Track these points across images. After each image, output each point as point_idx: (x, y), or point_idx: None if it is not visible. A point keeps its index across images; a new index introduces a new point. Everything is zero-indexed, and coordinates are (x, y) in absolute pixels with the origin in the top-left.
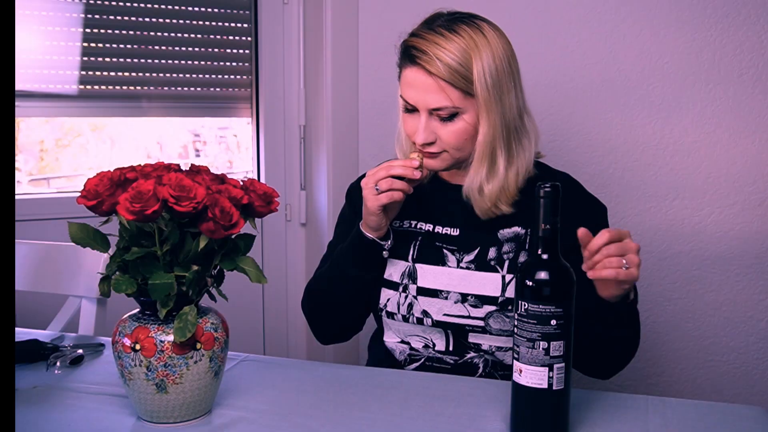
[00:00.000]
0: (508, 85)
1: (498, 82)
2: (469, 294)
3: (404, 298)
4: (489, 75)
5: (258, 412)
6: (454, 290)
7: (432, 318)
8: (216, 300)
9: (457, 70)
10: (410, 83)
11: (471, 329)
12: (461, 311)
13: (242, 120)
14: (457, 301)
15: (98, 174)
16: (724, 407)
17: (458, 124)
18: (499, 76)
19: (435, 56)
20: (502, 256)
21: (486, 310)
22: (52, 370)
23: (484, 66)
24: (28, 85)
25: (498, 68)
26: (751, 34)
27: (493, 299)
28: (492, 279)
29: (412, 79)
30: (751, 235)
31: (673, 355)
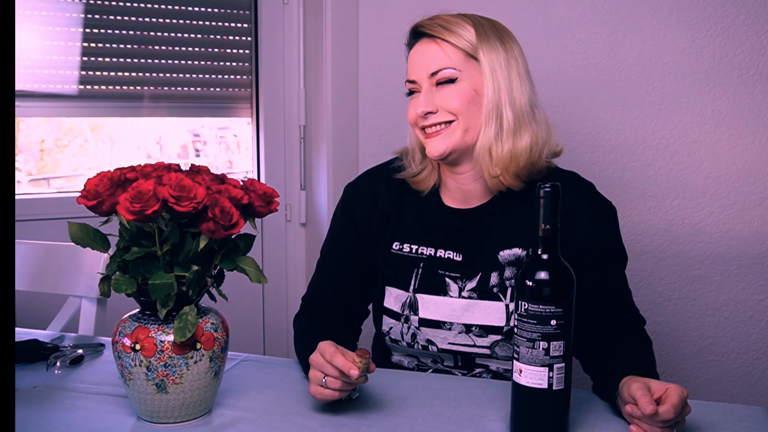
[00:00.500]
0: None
1: (507, 61)
2: (473, 325)
3: (407, 329)
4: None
5: (258, 412)
6: (457, 321)
7: (437, 346)
8: (216, 300)
9: (460, 34)
10: (413, 59)
11: (477, 356)
12: (466, 341)
13: (242, 120)
14: (461, 332)
15: (98, 174)
16: (724, 407)
17: (457, 87)
18: (507, 52)
19: (439, 24)
20: (504, 283)
21: (491, 340)
22: (52, 370)
23: (491, 41)
24: (28, 85)
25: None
26: (751, 34)
27: (497, 329)
28: (495, 308)
29: (415, 53)
30: (750, 235)
31: (673, 355)
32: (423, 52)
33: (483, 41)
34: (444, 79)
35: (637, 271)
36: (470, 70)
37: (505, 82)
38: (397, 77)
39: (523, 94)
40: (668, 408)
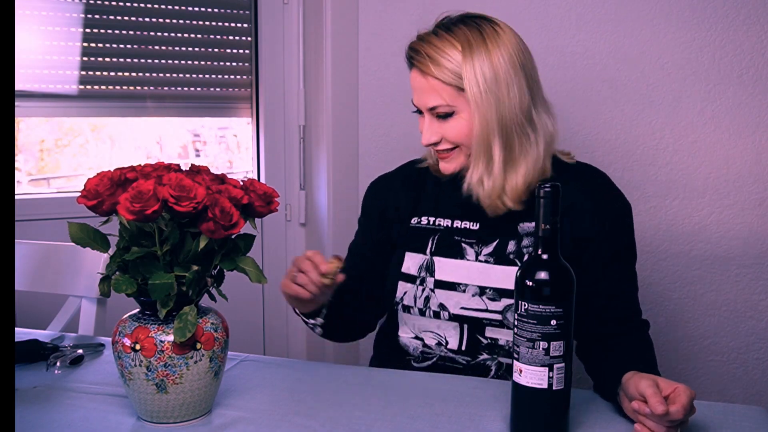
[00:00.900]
0: (510, 82)
1: (494, 79)
2: (488, 287)
3: (421, 291)
4: (481, 72)
5: (258, 412)
6: (472, 283)
7: (449, 311)
8: (216, 300)
9: (447, 67)
10: (413, 86)
11: (488, 323)
12: (479, 304)
13: (242, 120)
14: (475, 294)
15: (98, 174)
16: (724, 407)
17: (456, 121)
18: (495, 72)
19: (426, 55)
20: (522, 250)
21: (504, 304)
22: (52, 370)
23: (476, 63)
24: (28, 85)
25: (496, 65)
26: (751, 34)
27: (511, 292)
28: (510, 272)
29: (412, 81)
30: (751, 235)
31: (673, 355)
32: (419, 86)
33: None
34: (442, 113)
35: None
36: (463, 103)
37: (495, 115)
38: (397, 77)
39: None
40: (678, 408)
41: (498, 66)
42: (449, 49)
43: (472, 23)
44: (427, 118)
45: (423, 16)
